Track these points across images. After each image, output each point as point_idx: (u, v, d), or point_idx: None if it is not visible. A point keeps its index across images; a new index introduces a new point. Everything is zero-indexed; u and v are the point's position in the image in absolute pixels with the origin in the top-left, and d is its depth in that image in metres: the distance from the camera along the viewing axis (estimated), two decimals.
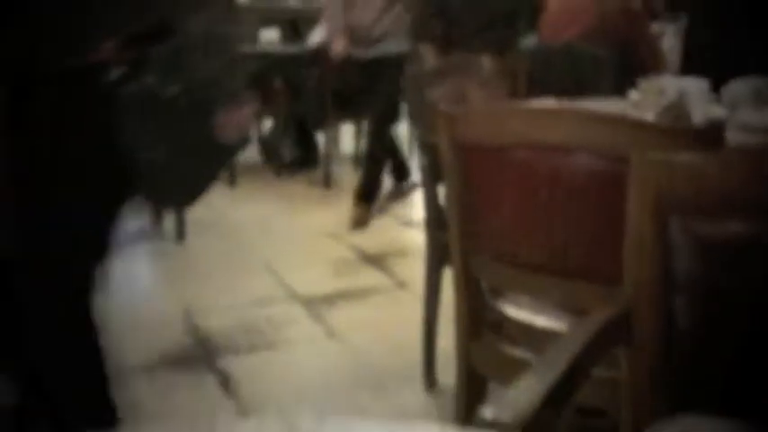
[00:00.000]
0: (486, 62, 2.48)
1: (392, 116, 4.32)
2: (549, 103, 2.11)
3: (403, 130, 4.85)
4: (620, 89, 2.72)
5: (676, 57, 3.22)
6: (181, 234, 3.80)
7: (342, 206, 4.37)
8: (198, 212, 4.06)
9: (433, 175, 2.15)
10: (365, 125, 5.18)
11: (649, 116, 1.90)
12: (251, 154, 5.55)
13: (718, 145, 1.25)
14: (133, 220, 4.14)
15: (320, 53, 4.60)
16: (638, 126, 1.28)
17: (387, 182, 4.56)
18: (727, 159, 1.02)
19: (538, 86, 2.81)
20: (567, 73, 2.84)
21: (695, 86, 1.83)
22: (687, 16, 3.35)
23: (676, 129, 1.29)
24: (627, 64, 3.02)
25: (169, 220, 3.87)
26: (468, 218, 1.52)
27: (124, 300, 3.22)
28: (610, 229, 1.14)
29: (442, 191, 1.88)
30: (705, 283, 1.00)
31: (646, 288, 1.01)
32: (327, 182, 4.85)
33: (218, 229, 4.00)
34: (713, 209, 1.01)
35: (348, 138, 5.54)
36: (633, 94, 2.15)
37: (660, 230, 1.01)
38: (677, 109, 1.76)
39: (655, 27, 6.35)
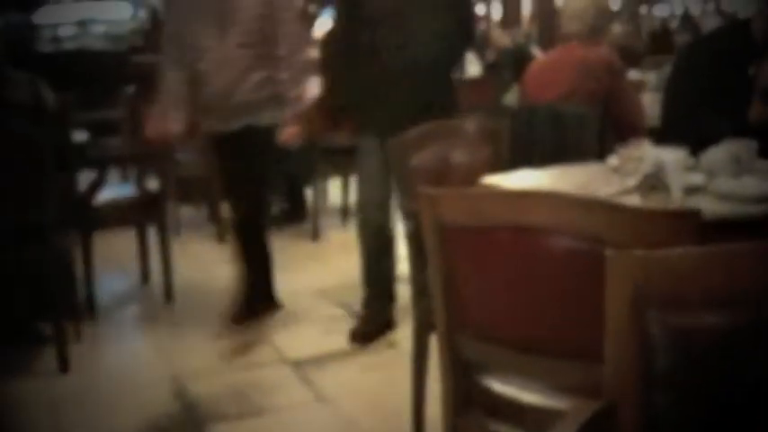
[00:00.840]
0: (469, 126, 2.51)
1: (260, 209, 3.45)
2: (530, 176, 2.15)
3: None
4: (602, 149, 2.76)
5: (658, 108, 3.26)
6: (169, 295, 3.79)
7: (330, 261, 4.38)
8: (186, 271, 4.08)
9: (417, 243, 2.16)
10: (353, 179, 5.22)
11: (630, 182, 1.94)
12: None
13: (695, 229, 1.27)
14: (121, 280, 4.14)
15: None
16: (615, 210, 1.30)
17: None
18: (704, 254, 1.04)
19: (521, 149, 2.85)
20: (550, 134, 2.88)
21: (672, 156, 1.86)
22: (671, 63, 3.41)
23: (652, 213, 1.31)
24: (609, 118, 3.07)
25: (157, 281, 3.86)
26: (451, 297, 1.53)
27: (112, 364, 3.22)
28: (591, 309, 1.15)
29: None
30: (685, 378, 1.01)
31: (627, 384, 1.02)
32: (315, 235, 4.86)
33: (206, 288, 3.99)
34: (691, 303, 1.02)
35: (336, 191, 5.56)
36: (612, 159, 2.18)
37: (638, 326, 1.02)
38: (655, 179, 1.78)
39: (637, 74, 6.44)
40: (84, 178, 3.56)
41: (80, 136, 3.59)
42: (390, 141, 2.38)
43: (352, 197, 5.29)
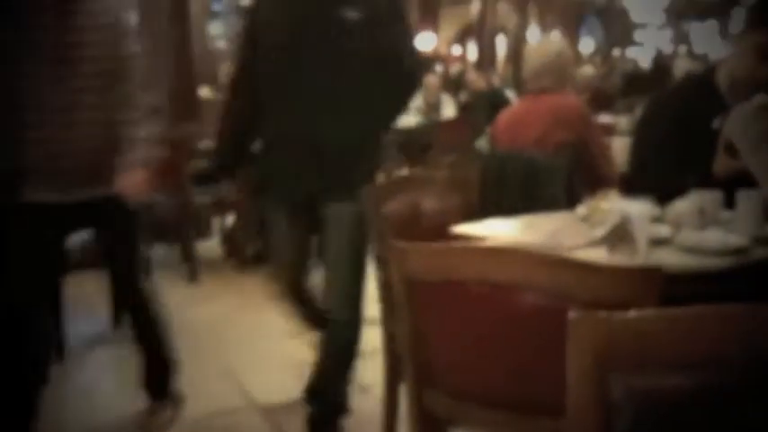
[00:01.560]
0: (440, 175, 2.54)
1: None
2: (500, 225, 2.17)
3: None
4: (572, 197, 2.80)
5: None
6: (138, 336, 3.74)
7: None
8: None
9: (388, 290, 2.17)
10: None
11: (598, 232, 1.96)
12: (213, 249, 5.57)
13: (659, 286, 1.29)
14: (91, 323, 4.09)
15: None
16: (580, 268, 1.32)
17: None
18: (667, 316, 1.06)
19: (492, 197, 2.88)
20: (520, 182, 2.91)
21: (638, 208, 1.90)
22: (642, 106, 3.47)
23: (616, 270, 1.33)
24: (579, 166, 3.12)
25: (126, 321, 3.82)
26: (420, 350, 1.54)
27: (80, 408, 3.17)
28: (558, 366, 1.16)
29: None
30: None
31: None
32: None
33: (177, 329, 3.95)
34: (654, 365, 1.04)
35: None
36: (581, 209, 2.21)
37: (600, 387, 1.03)
38: (621, 231, 1.81)
39: (608, 118, 6.53)
40: None
41: None
42: (365, 189, 2.39)
43: None
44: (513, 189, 2.99)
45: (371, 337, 3.40)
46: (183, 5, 6.22)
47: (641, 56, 23.45)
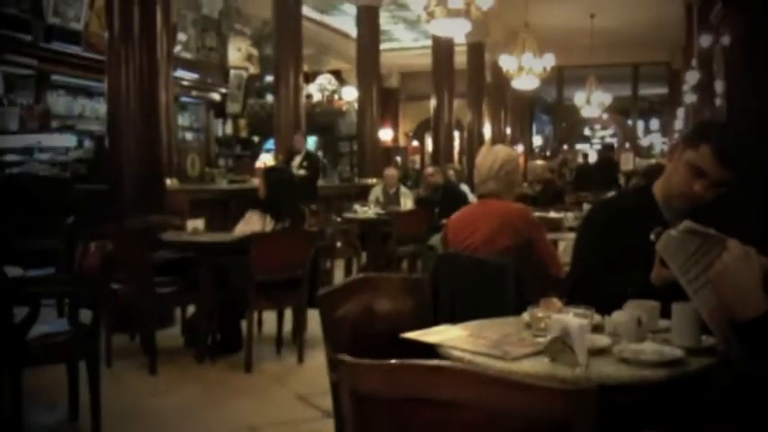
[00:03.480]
0: (394, 279, 2.64)
1: None
2: (449, 331, 2.25)
3: None
4: (520, 297, 2.92)
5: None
6: (96, 428, 3.72)
7: (264, 394, 4.39)
8: (117, 404, 4.02)
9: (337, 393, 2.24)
10: (288, 310, 5.29)
11: (540, 341, 2.07)
12: (174, 337, 5.57)
13: (595, 404, 1.38)
14: (49, 415, 4.05)
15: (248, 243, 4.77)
16: (519, 387, 1.42)
17: None
18: None
19: (444, 296, 3.00)
20: (471, 283, 3.04)
21: (578, 320, 2.01)
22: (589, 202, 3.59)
23: (552, 389, 1.42)
24: (527, 267, 3.26)
25: (87, 415, 3.79)
26: None
27: None
28: None
29: None
30: None
31: None
32: (249, 367, 4.86)
33: (136, 421, 3.94)
34: None
35: (271, 321, 5.60)
36: (526, 315, 2.33)
37: None
38: (561, 342, 1.92)
39: (557, 214, 6.74)
40: (18, 312, 3.54)
41: (14, 271, 3.60)
42: (319, 294, 2.47)
43: (288, 327, 5.36)
44: (465, 289, 3.11)
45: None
46: (154, 98, 6.37)
47: (589, 149, 24.38)
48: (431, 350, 2.11)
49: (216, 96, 13.22)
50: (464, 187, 8.45)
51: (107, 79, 6.49)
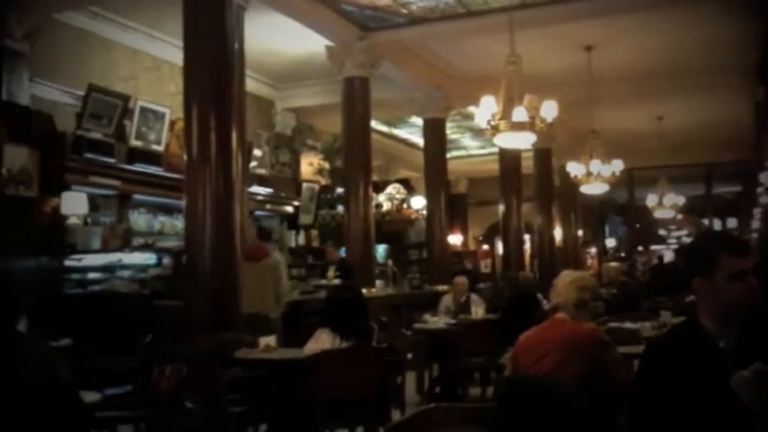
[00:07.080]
0: (460, 409, 2.65)
1: None
2: None
3: None
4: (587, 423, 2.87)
5: None
6: None
7: None
8: None
9: None
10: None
11: None
12: None
13: None
14: None
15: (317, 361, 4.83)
16: None
17: None
18: None
19: (509, 422, 2.97)
20: (537, 408, 3.01)
21: None
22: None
23: None
24: (597, 389, 3.21)
25: None
26: None
27: None
28: None
29: None
30: None
31: None
32: None
33: None
34: None
35: None
36: None
37: None
38: None
39: (632, 325, 6.53)
40: None
41: (91, 396, 3.72)
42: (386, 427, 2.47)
43: None
44: (531, 414, 3.08)
45: None
46: (229, 214, 6.58)
47: (664, 250, 23.79)
48: None
49: (289, 209, 13.58)
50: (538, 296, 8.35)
51: (185, 198, 6.80)
